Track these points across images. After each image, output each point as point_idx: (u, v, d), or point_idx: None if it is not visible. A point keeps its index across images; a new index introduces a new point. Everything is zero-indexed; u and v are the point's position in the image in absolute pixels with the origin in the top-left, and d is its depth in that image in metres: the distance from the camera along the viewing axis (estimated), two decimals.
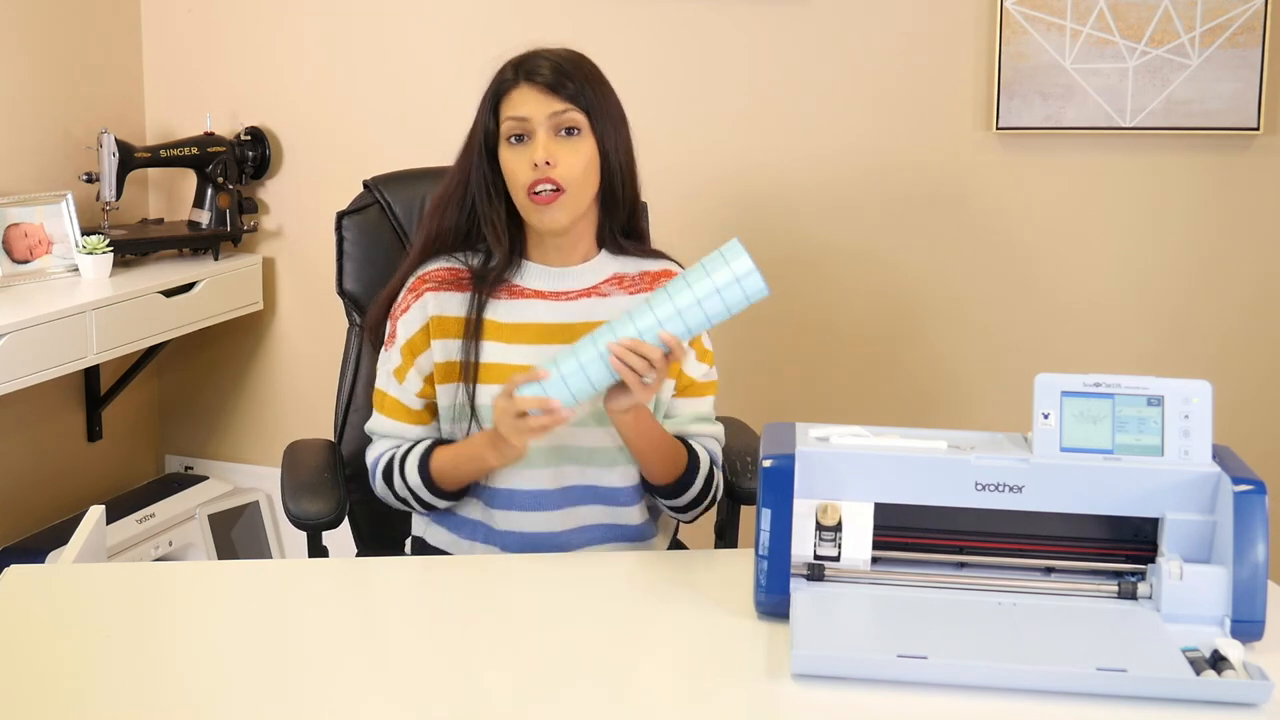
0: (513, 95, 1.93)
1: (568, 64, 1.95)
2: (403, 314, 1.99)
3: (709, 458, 2.01)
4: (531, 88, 1.92)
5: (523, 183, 1.91)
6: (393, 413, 2.00)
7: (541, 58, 1.95)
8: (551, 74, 1.93)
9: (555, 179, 1.90)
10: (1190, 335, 2.95)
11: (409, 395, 1.99)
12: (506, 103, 1.94)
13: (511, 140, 1.93)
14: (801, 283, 3.12)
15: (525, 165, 1.91)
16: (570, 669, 1.54)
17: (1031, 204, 2.99)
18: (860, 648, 1.53)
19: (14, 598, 1.71)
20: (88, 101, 3.40)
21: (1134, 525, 1.66)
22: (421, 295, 1.98)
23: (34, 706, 1.44)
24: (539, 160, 1.90)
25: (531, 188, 1.91)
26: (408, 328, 1.98)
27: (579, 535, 1.98)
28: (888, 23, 3.00)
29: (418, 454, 1.95)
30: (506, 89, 1.94)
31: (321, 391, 2.84)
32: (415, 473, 1.95)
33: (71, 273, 3.16)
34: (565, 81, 1.92)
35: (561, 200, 1.91)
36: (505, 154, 1.94)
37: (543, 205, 1.91)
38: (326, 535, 2.09)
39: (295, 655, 1.58)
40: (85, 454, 3.51)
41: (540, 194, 1.91)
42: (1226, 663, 1.48)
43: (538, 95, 1.92)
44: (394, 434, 2.01)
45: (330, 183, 3.13)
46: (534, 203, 1.92)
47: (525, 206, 1.94)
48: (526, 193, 1.92)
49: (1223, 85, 2.79)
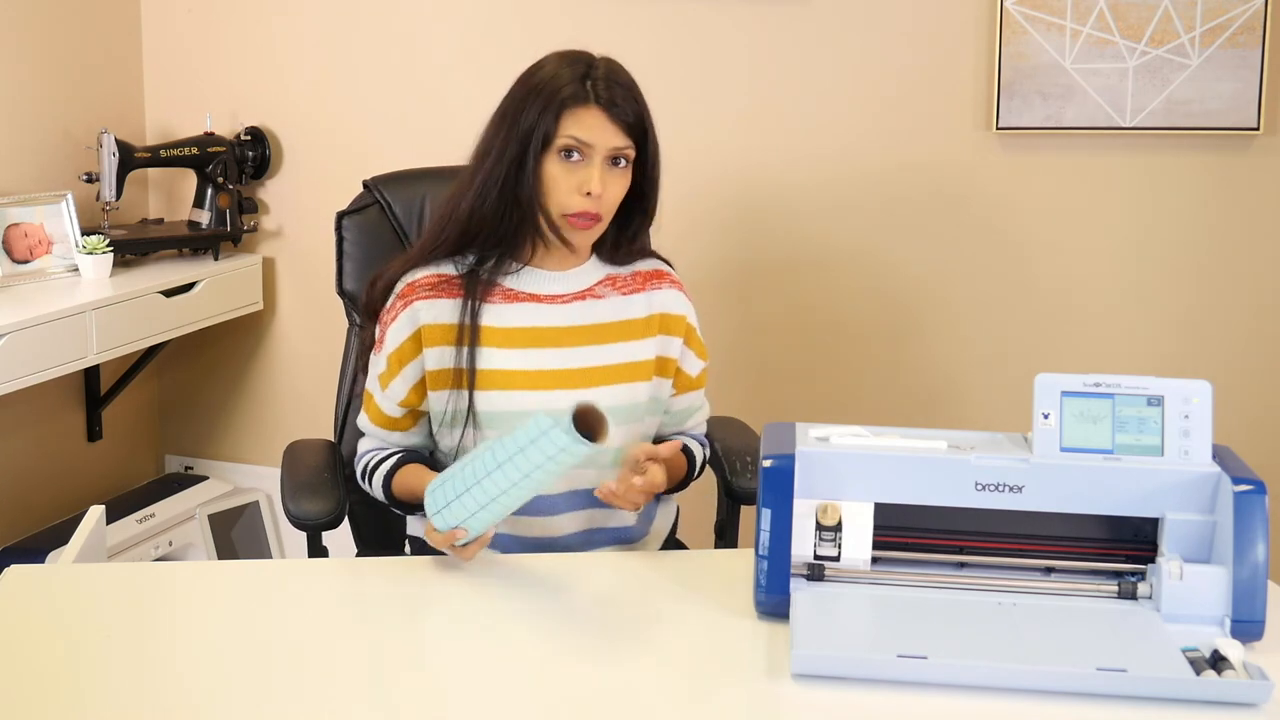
0: (580, 113, 1.88)
1: (632, 91, 1.92)
2: (392, 321, 1.98)
3: (700, 450, 2.09)
4: (600, 111, 1.89)
5: (566, 203, 1.90)
6: (376, 418, 2.03)
7: (615, 82, 1.91)
8: (623, 103, 1.89)
9: (599, 210, 1.91)
10: (1190, 335, 2.95)
11: (390, 403, 2.00)
12: (571, 118, 1.89)
13: (563, 155, 1.90)
14: (801, 283, 3.12)
15: (574, 188, 1.89)
16: (570, 669, 1.54)
17: (1031, 204, 2.99)
18: (860, 648, 1.53)
19: (14, 598, 1.71)
20: (88, 101, 3.40)
21: (1134, 525, 1.66)
22: (411, 304, 1.96)
23: (34, 706, 1.44)
24: (595, 190, 1.88)
25: (576, 211, 1.90)
26: (396, 336, 1.97)
27: (579, 539, 2.00)
28: (888, 23, 3.00)
29: (384, 470, 1.98)
30: (575, 102, 1.89)
31: (321, 391, 2.84)
32: (380, 489, 1.99)
33: (71, 273, 3.16)
34: (630, 113, 1.90)
35: (596, 227, 1.93)
36: (553, 166, 1.90)
37: (581, 230, 1.92)
38: (326, 535, 2.09)
39: (295, 655, 1.58)
40: (85, 454, 3.51)
41: (581, 219, 1.91)
42: (1226, 663, 1.48)
43: (605, 122, 1.89)
44: (376, 436, 2.04)
45: (330, 183, 3.13)
46: (573, 225, 1.91)
47: (559, 223, 1.92)
48: (566, 213, 1.91)
49: (1223, 85, 2.79)
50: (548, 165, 1.91)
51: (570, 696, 1.48)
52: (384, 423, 2.02)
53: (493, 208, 1.93)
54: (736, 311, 3.15)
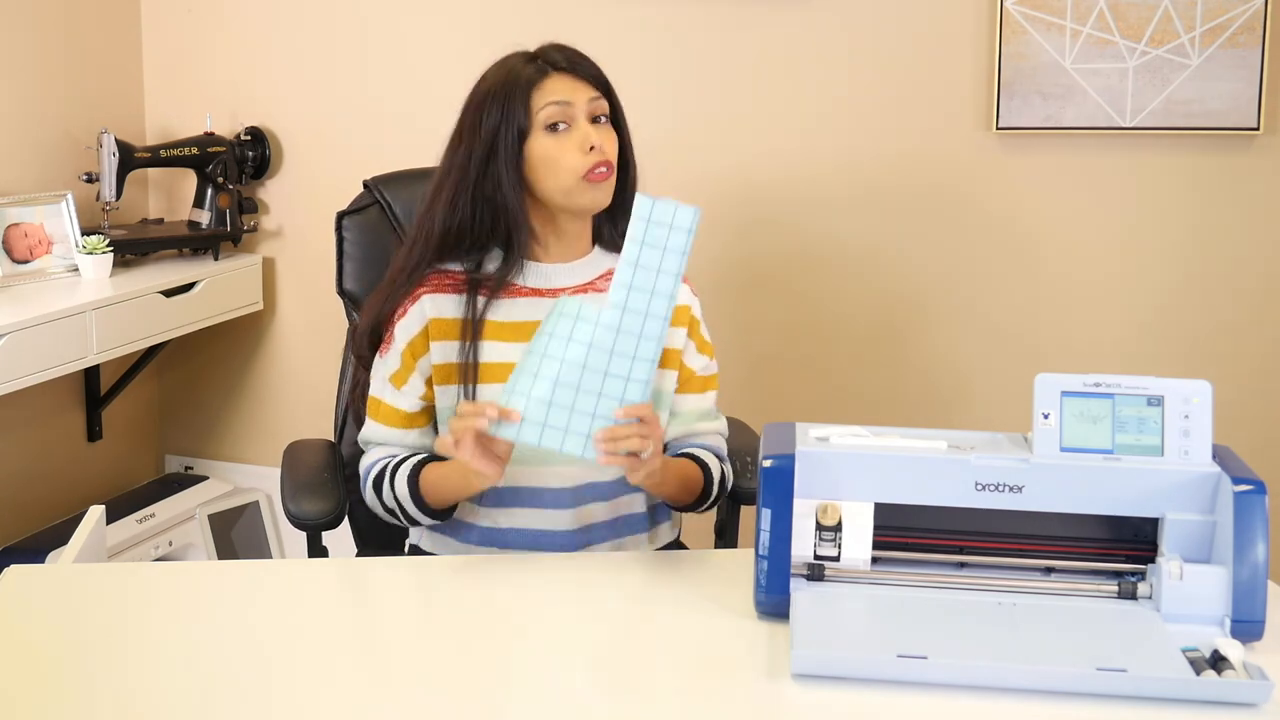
0: (545, 85, 1.93)
1: (582, 54, 1.98)
2: (401, 318, 1.98)
3: (718, 464, 2.01)
4: (563, 75, 1.94)
5: (576, 167, 1.91)
6: (388, 419, 1.99)
7: (564, 48, 1.97)
8: (578, 60, 1.96)
9: (607, 158, 1.93)
10: (1190, 335, 2.95)
11: (410, 399, 1.98)
12: (540, 92, 1.92)
13: (549, 130, 1.92)
14: (802, 283, 3.12)
15: (575, 150, 1.91)
16: (570, 669, 1.54)
17: (1031, 204, 2.99)
18: (860, 648, 1.53)
19: (14, 598, 1.71)
20: (88, 101, 3.40)
21: (1134, 525, 1.66)
22: (419, 299, 1.97)
23: (34, 706, 1.44)
24: (595, 142, 1.91)
25: (589, 167, 1.91)
26: (407, 331, 1.97)
27: (584, 535, 1.99)
28: (887, 23, 3.00)
29: (409, 465, 1.93)
30: (534, 81, 1.93)
31: (321, 392, 2.84)
32: (405, 483, 1.92)
33: (71, 273, 3.16)
34: (592, 70, 1.96)
35: (611, 179, 1.94)
36: (546, 143, 1.92)
37: (601, 182, 1.93)
38: (326, 535, 2.09)
39: (295, 655, 1.58)
40: (85, 454, 3.51)
41: (597, 173, 1.92)
42: (1226, 663, 1.48)
43: (572, 82, 1.94)
44: (389, 441, 1.99)
45: (330, 183, 3.13)
46: (593, 181, 1.92)
47: (574, 190, 1.92)
48: (582, 176, 1.91)
49: (1223, 85, 2.79)
50: (535, 148, 1.92)
51: (570, 696, 1.48)
52: (399, 421, 1.98)
53: (466, 217, 1.95)
54: (736, 311, 3.15)
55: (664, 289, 1.72)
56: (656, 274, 1.72)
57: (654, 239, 1.72)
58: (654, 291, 1.72)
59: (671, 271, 1.73)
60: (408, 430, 1.99)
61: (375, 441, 2.00)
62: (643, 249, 1.72)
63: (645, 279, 1.72)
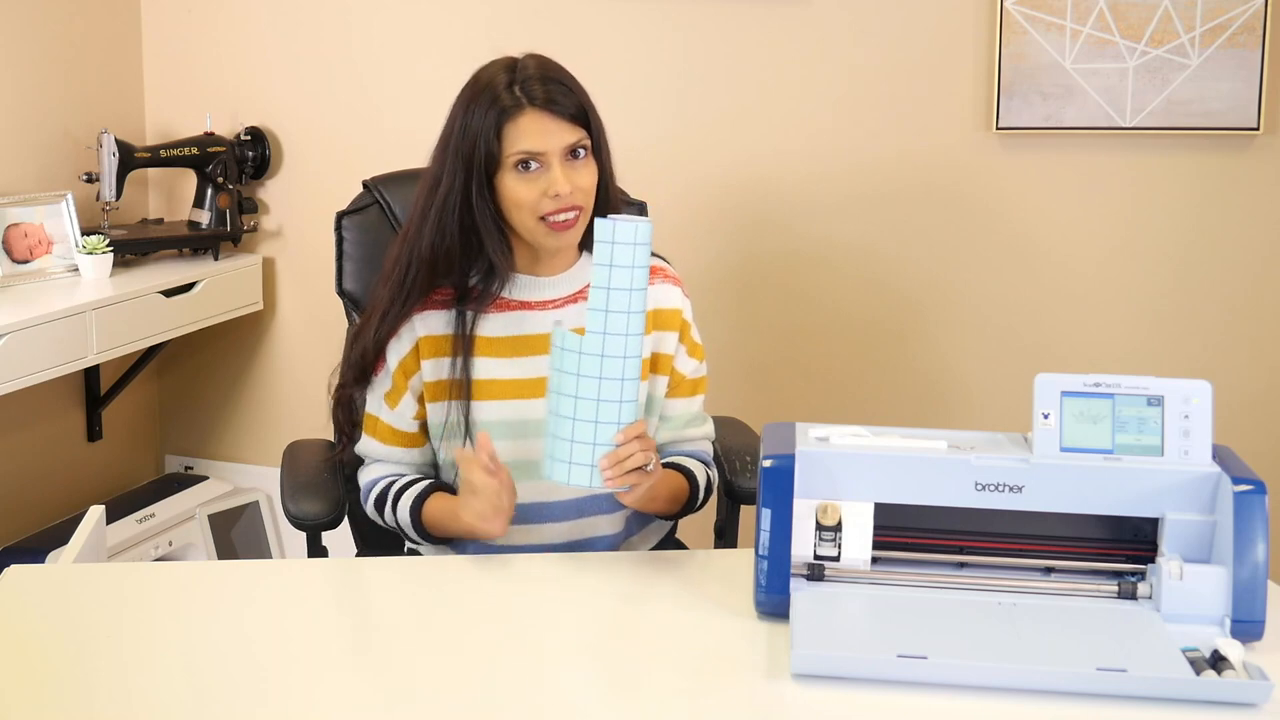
0: (521, 122, 1.86)
1: (565, 82, 1.90)
2: (392, 338, 1.97)
3: (704, 471, 2.03)
4: (539, 114, 1.86)
5: (536, 211, 1.88)
6: (386, 438, 2.00)
7: (545, 78, 1.88)
8: (558, 96, 1.87)
9: (576, 204, 1.88)
10: (1190, 335, 2.95)
11: (404, 419, 1.98)
12: (513, 130, 1.86)
13: (520, 168, 1.88)
14: (802, 283, 3.12)
15: (538, 194, 1.87)
16: (570, 669, 1.54)
17: (1031, 204, 2.99)
18: (860, 648, 1.52)
19: (14, 598, 1.71)
20: (88, 101, 3.40)
21: (1134, 525, 1.66)
22: (408, 318, 1.96)
23: (34, 706, 1.44)
24: (562, 191, 1.86)
25: (551, 215, 1.88)
26: (397, 352, 1.97)
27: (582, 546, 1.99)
28: (888, 23, 3.00)
29: (412, 496, 1.94)
30: (513, 112, 1.86)
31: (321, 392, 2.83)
32: (407, 513, 1.94)
33: (71, 273, 3.16)
34: (569, 103, 1.88)
35: (579, 221, 1.91)
36: (512, 182, 1.88)
37: (564, 230, 1.90)
38: (326, 535, 2.09)
39: (295, 655, 1.58)
40: (85, 454, 3.51)
41: (562, 221, 1.89)
42: (1226, 663, 1.48)
43: (548, 123, 1.87)
44: (387, 458, 2.01)
45: (330, 183, 3.13)
46: (553, 229, 1.89)
47: (536, 230, 1.90)
48: (541, 219, 1.88)
49: (1223, 85, 2.79)
50: (505, 182, 1.89)
51: (570, 696, 1.48)
52: (398, 440, 1.99)
53: (455, 239, 1.92)
54: (736, 311, 3.15)
55: (637, 306, 1.74)
56: (629, 293, 1.73)
57: (621, 259, 1.72)
58: (629, 311, 1.73)
59: (641, 288, 1.74)
60: (407, 449, 2.00)
61: (375, 457, 2.02)
62: (612, 271, 1.73)
63: (619, 300, 1.73)
